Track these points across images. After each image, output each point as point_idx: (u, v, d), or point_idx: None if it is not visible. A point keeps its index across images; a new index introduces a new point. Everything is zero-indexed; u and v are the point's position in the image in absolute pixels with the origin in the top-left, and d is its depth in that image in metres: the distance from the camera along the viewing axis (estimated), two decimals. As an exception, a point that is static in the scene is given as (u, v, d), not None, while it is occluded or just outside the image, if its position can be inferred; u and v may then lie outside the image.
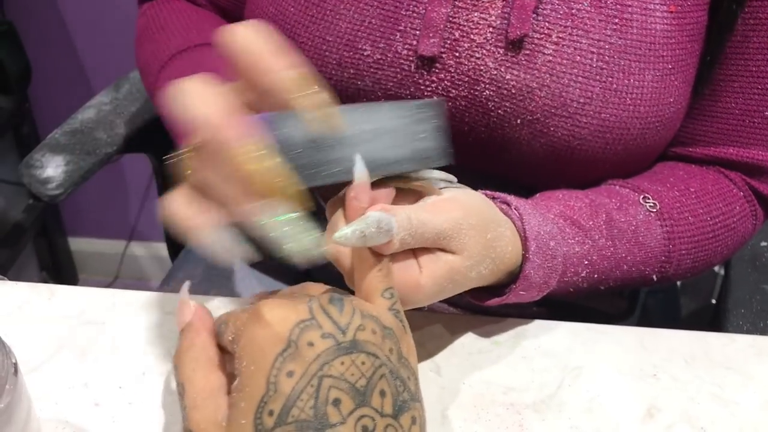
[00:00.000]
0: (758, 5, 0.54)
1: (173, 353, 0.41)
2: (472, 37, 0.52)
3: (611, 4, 0.52)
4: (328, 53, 0.54)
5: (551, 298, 0.53)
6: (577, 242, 0.52)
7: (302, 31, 0.55)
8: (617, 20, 0.52)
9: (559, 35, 0.51)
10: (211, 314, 0.40)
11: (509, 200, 0.49)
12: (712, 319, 0.85)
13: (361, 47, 0.54)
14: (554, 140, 0.53)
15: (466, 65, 0.53)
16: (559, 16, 0.51)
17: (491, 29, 0.52)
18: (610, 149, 0.54)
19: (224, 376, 0.38)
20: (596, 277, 0.54)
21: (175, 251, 0.97)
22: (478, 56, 0.52)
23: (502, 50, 0.52)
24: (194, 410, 0.37)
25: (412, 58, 0.53)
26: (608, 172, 0.58)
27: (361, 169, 0.40)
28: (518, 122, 0.53)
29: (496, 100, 0.53)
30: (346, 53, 0.54)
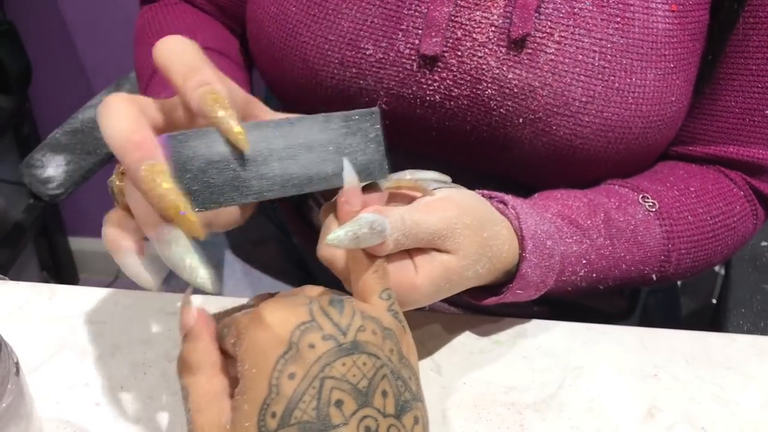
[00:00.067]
0: (758, 4, 0.54)
1: (174, 353, 0.41)
2: (474, 36, 0.52)
3: (613, 3, 0.52)
4: (330, 52, 0.54)
5: (550, 297, 0.53)
6: (575, 241, 0.52)
7: (304, 30, 0.55)
8: (619, 19, 0.52)
9: (561, 34, 0.51)
10: (213, 318, 0.40)
11: (506, 199, 0.49)
12: (712, 318, 0.85)
13: (363, 46, 0.54)
14: (556, 139, 0.53)
15: (468, 64, 0.53)
16: (561, 15, 0.51)
17: (493, 28, 0.52)
18: (611, 148, 0.54)
19: (227, 379, 0.38)
20: (595, 276, 0.54)
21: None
22: (480, 55, 0.52)
23: (504, 49, 0.52)
24: (198, 414, 0.37)
25: (414, 57, 0.53)
26: (610, 171, 0.57)
27: (350, 173, 0.40)
28: (520, 121, 0.53)
29: (498, 99, 0.53)
30: (348, 52, 0.54)
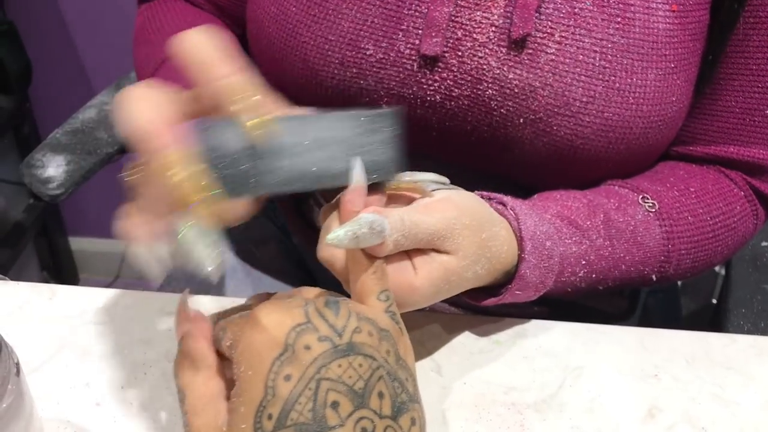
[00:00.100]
0: (758, 4, 0.54)
1: (174, 353, 0.41)
2: (474, 36, 0.52)
3: (614, 3, 0.52)
4: (330, 53, 0.54)
5: (550, 297, 0.53)
6: (574, 242, 0.52)
7: (304, 30, 0.55)
8: (620, 19, 0.52)
9: (561, 34, 0.51)
10: (209, 321, 0.40)
11: (505, 201, 0.49)
12: (712, 319, 0.85)
13: (363, 47, 0.54)
14: (557, 139, 0.53)
15: (468, 64, 0.53)
16: (561, 15, 0.51)
17: (494, 28, 0.52)
18: (612, 148, 0.54)
19: (223, 381, 0.39)
20: (594, 277, 0.54)
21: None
22: (480, 55, 0.52)
23: (504, 49, 0.52)
24: (194, 416, 0.37)
25: (414, 57, 0.53)
26: (610, 171, 0.57)
27: (359, 173, 0.40)
28: (521, 122, 0.53)
29: (498, 99, 0.53)
30: (348, 53, 0.54)
